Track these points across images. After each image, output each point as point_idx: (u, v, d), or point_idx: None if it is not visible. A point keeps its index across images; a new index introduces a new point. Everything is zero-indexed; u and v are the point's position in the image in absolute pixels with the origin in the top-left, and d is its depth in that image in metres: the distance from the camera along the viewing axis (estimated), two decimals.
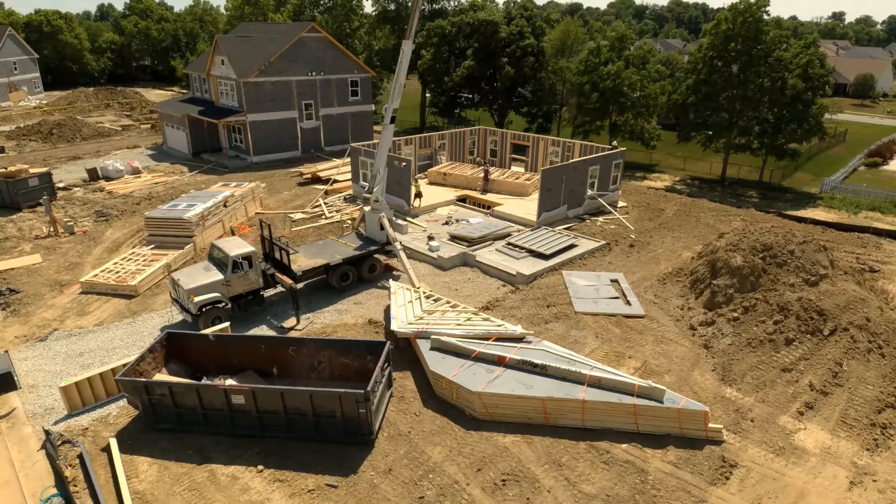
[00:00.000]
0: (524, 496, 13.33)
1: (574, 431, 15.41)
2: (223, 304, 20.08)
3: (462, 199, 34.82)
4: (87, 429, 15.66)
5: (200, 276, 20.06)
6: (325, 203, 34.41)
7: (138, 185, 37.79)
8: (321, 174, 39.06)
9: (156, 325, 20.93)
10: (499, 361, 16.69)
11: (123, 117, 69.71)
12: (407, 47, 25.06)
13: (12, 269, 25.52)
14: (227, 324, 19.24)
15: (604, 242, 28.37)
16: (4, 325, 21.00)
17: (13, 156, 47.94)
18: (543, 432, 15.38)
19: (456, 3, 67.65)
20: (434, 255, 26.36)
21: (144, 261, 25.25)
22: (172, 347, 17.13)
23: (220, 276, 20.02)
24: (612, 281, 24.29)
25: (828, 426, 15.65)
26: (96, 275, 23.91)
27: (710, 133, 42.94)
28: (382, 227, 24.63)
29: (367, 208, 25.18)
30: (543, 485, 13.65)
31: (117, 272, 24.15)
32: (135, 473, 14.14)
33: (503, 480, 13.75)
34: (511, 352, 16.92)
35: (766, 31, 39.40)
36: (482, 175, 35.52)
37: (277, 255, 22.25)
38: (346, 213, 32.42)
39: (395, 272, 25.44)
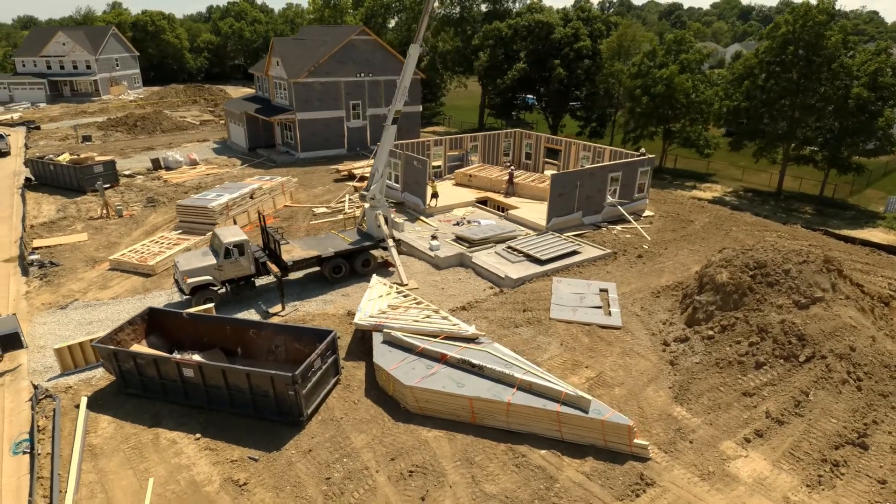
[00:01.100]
0: (425, 488, 13.70)
1: (500, 433, 15.52)
2: (216, 287, 21.80)
3: (483, 202, 35.09)
4: (70, 387, 17.69)
5: (196, 260, 21.88)
6: (350, 199, 35.87)
7: (191, 176, 41.11)
8: (356, 171, 40.66)
9: (162, 301, 22.98)
10: (441, 358, 17.06)
11: (207, 113, 75.36)
12: (413, 51, 25.85)
13: (60, 244, 28.82)
14: (211, 304, 20.88)
15: (609, 251, 27.72)
16: (38, 293, 23.89)
17: (97, 144, 53.49)
18: (470, 431, 15.60)
19: (520, 4, 67.54)
20: (432, 254, 26.94)
21: (168, 244, 27.67)
22: (153, 322, 18.90)
23: (213, 261, 21.73)
24: (601, 290, 23.79)
25: (773, 456, 14.74)
26: (124, 254, 26.54)
27: (763, 142, 40.36)
28: (380, 225, 25.59)
29: (366, 205, 26.19)
30: (448, 480, 13.95)
31: (142, 253, 26.67)
32: (95, 429, 15.87)
33: (411, 472, 14.17)
34: (454, 350, 17.24)
35: (827, 36, 36.54)
36: (507, 178, 35.60)
37: (273, 245, 23.75)
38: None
39: (390, 268, 26.27)
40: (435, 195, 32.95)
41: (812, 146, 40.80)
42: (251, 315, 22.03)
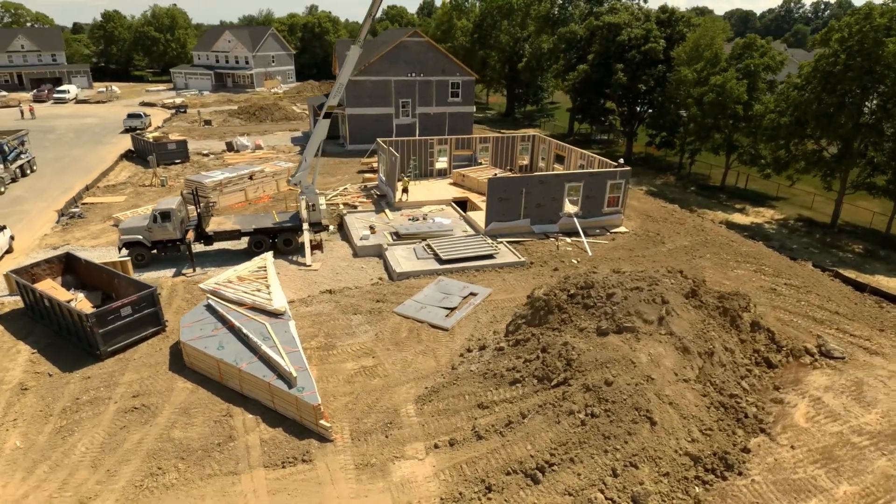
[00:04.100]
0: (138, 421, 16.15)
1: (235, 395, 17.36)
2: (148, 246, 26.30)
3: (462, 202, 35.73)
4: (3, 304, 23.21)
5: (133, 222, 26.62)
6: (347, 188, 38.88)
7: (245, 159, 47.43)
8: (375, 165, 43.55)
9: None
10: (227, 323, 19.28)
11: None
12: (353, 52, 27.94)
13: (102, 202, 36.08)
14: (127, 258, 25.39)
15: (524, 260, 27.10)
16: (52, 236, 30.65)
17: (213, 128, 63.35)
18: (216, 388, 17.66)
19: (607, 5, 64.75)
20: (358, 243, 28.84)
21: None
22: (70, 264, 23.77)
23: (144, 224, 26.25)
24: (471, 294, 23.80)
25: (441, 466, 14.54)
26: (126, 214, 32.60)
27: (803, 164, 34.94)
28: (308, 209, 28.24)
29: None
30: (156, 420, 16.24)
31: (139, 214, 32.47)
32: None
33: (136, 408, 16.76)
34: (241, 319, 19.31)
35: (885, 44, 30.50)
36: None
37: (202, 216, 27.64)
38: (349, 198, 36.48)
39: (320, 250, 28.69)
40: (405, 190, 34.53)
41: (883, 171, 34.27)
42: (168, 273, 26.17)
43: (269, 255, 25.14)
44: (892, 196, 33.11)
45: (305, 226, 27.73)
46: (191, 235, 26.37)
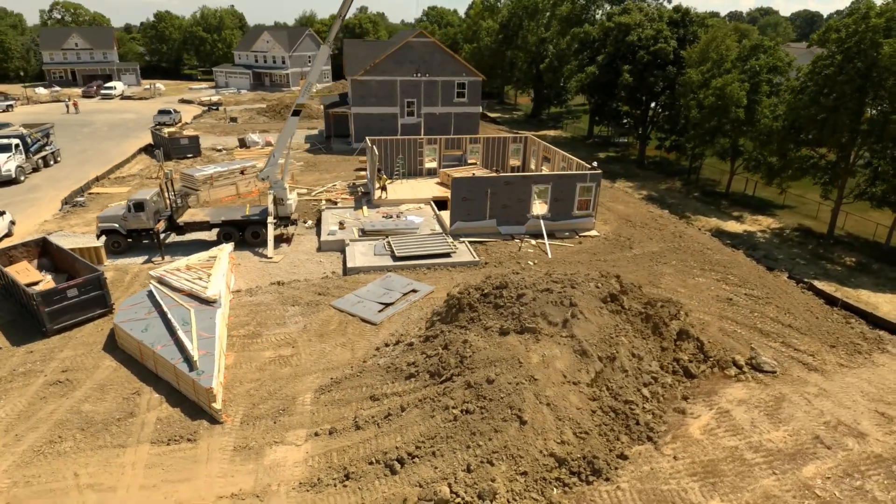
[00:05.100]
0: (57, 394, 17.47)
1: (150, 375, 18.45)
2: (123, 234, 27.99)
3: (442, 201, 36.07)
4: None
5: (111, 211, 28.40)
6: (335, 185, 39.90)
7: (252, 154, 49.28)
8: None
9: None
10: (160, 310, 20.43)
11: None
12: (322, 51, 28.85)
13: (107, 192, 38.44)
14: (101, 244, 27.13)
15: (478, 259, 27.27)
16: (52, 221, 32.95)
17: (237, 124, 65.95)
18: (138, 368, 18.81)
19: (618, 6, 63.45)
20: (323, 237, 29.73)
21: None
22: (46, 248, 25.64)
23: (121, 214, 27.96)
24: (412, 290, 24.21)
25: (313, 452, 15.09)
26: (120, 204, 34.60)
27: (792, 171, 33.45)
28: (275, 203, 29.34)
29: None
30: (73, 394, 17.48)
31: None
32: None
33: (60, 381, 18.06)
34: (171, 304, 20.41)
35: (881, 44, 28.85)
36: None
37: (175, 207, 29.14)
38: (334, 195, 37.46)
39: (287, 244, 29.75)
40: (384, 188, 35.21)
41: (884, 181, 32.40)
42: (140, 260, 27.78)
43: (227, 246, 26.29)
44: (888, 205, 31.24)
45: (270, 219, 28.79)
46: (160, 225, 27.89)
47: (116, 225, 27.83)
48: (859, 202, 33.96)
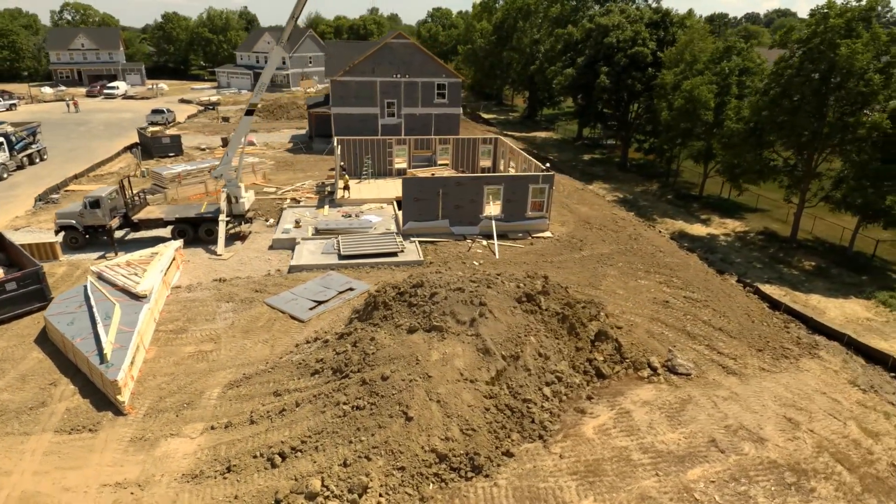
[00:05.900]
0: None
1: (71, 367, 19.00)
2: (80, 230, 28.73)
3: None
4: None
5: (69, 208, 29.16)
6: (305, 184, 40.43)
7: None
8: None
9: None
10: (87, 301, 21.03)
11: None
12: (275, 53, 29.32)
13: (83, 189, 39.33)
14: (59, 240, 27.89)
15: (423, 259, 27.55)
16: (23, 217, 33.85)
17: (228, 124, 66.88)
18: (62, 361, 19.38)
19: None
20: (275, 236, 30.21)
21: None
22: (2, 244, 26.43)
23: (78, 210, 28.71)
24: (349, 288, 24.56)
25: (204, 445, 15.50)
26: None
27: (750, 173, 33.19)
28: (229, 201, 29.91)
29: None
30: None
31: None
32: None
33: None
34: (99, 298, 20.99)
35: (839, 45, 28.49)
36: None
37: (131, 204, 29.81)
38: (299, 194, 37.98)
39: (242, 242, 30.30)
40: (346, 188, 35.63)
41: (848, 185, 32.01)
42: (94, 256, 28.49)
43: (174, 243, 26.92)
44: (850, 209, 30.81)
45: (222, 217, 29.34)
46: (113, 222, 28.57)
47: (73, 221, 28.57)
48: (815, 206, 33.55)
